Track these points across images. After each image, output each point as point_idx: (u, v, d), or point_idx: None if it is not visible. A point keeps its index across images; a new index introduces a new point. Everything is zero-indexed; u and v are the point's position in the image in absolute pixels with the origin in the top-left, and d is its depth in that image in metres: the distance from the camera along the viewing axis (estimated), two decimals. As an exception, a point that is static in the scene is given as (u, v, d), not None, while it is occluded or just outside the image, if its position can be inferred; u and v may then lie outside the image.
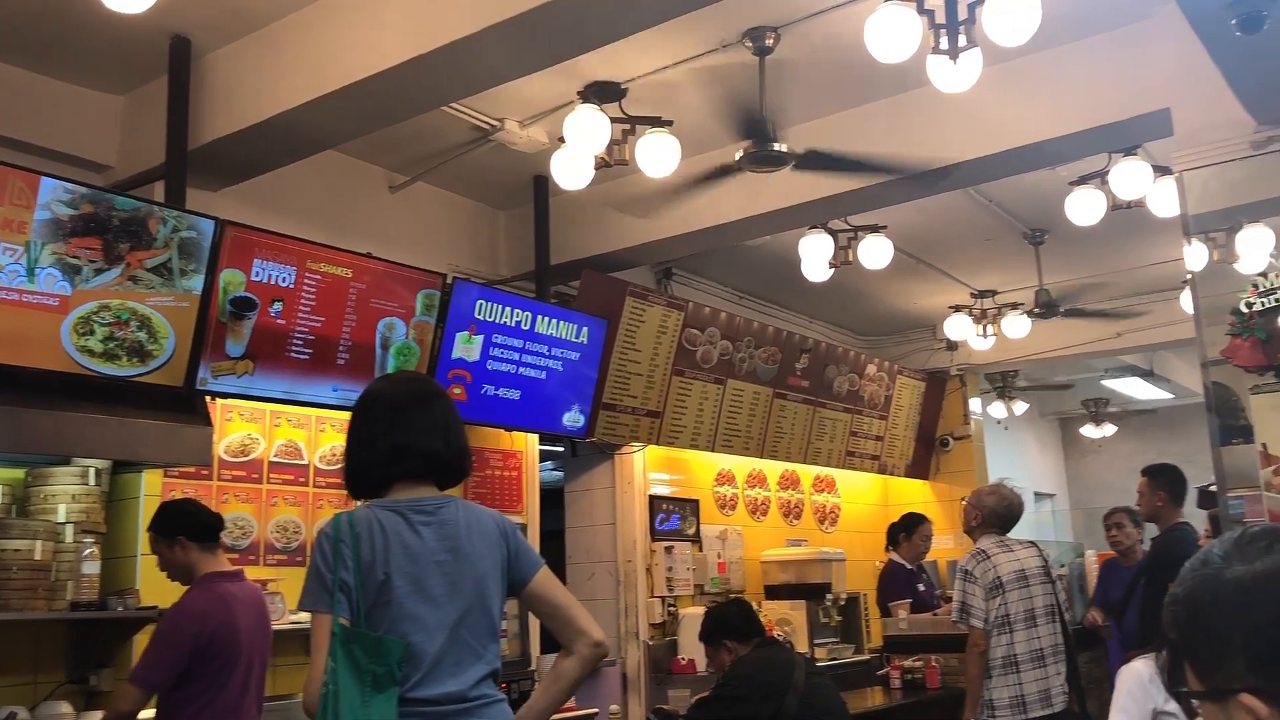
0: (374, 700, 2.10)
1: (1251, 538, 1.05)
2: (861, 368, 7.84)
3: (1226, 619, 1.02)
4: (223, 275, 4.00)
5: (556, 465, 7.25)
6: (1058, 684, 4.48)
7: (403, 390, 2.47)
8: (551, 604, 2.40)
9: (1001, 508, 4.75)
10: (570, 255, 5.72)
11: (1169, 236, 4.58)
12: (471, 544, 2.29)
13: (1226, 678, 1.01)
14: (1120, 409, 11.20)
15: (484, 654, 2.25)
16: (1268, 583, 1.00)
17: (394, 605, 2.18)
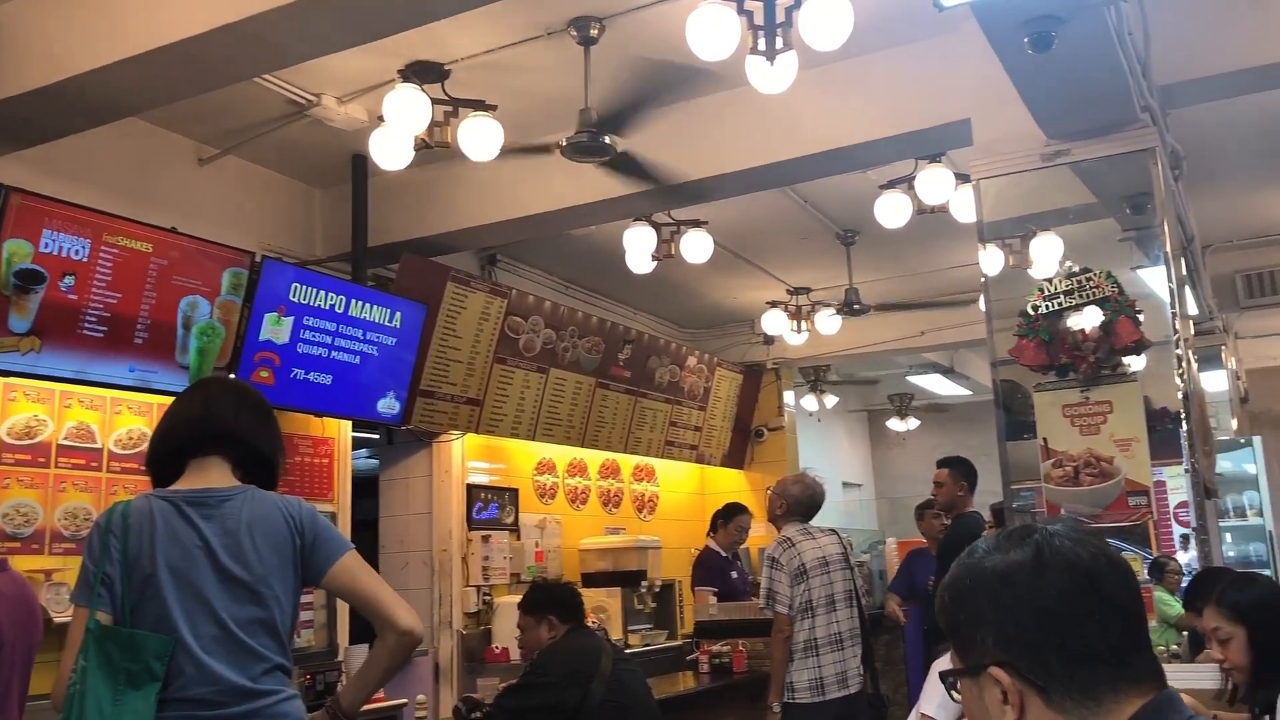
0: (127, 698, 2.02)
1: (1010, 533, 1.18)
2: (682, 359, 7.98)
3: (982, 602, 1.14)
4: (6, 245, 3.74)
5: (371, 453, 7.09)
6: (854, 666, 4.68)
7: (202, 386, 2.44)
8: (357, 592, 2.35)
9: (805, 496, 4.92)
10: (389, 237, 5.60)
11: (970, 241, 4.84)
12: (253, 540, 2.22)
13: (980, 654, 1.13)
14: (923, 404, 11.77)
15: (264, 650, 2.18)
16: (1017, 570, 1.13)
17: (160, 600, 2.10)
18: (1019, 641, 1.10)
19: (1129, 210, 4.43)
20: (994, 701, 1.13)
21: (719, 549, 6.66)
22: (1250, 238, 7.30)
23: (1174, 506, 5.84)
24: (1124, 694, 1.08)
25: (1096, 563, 1.12)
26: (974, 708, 1.17)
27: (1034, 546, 1.13)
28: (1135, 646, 1.11)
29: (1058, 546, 1.13)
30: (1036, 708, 1.10)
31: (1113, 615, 1.10)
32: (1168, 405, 4.04)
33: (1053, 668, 1.09)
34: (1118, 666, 1.09)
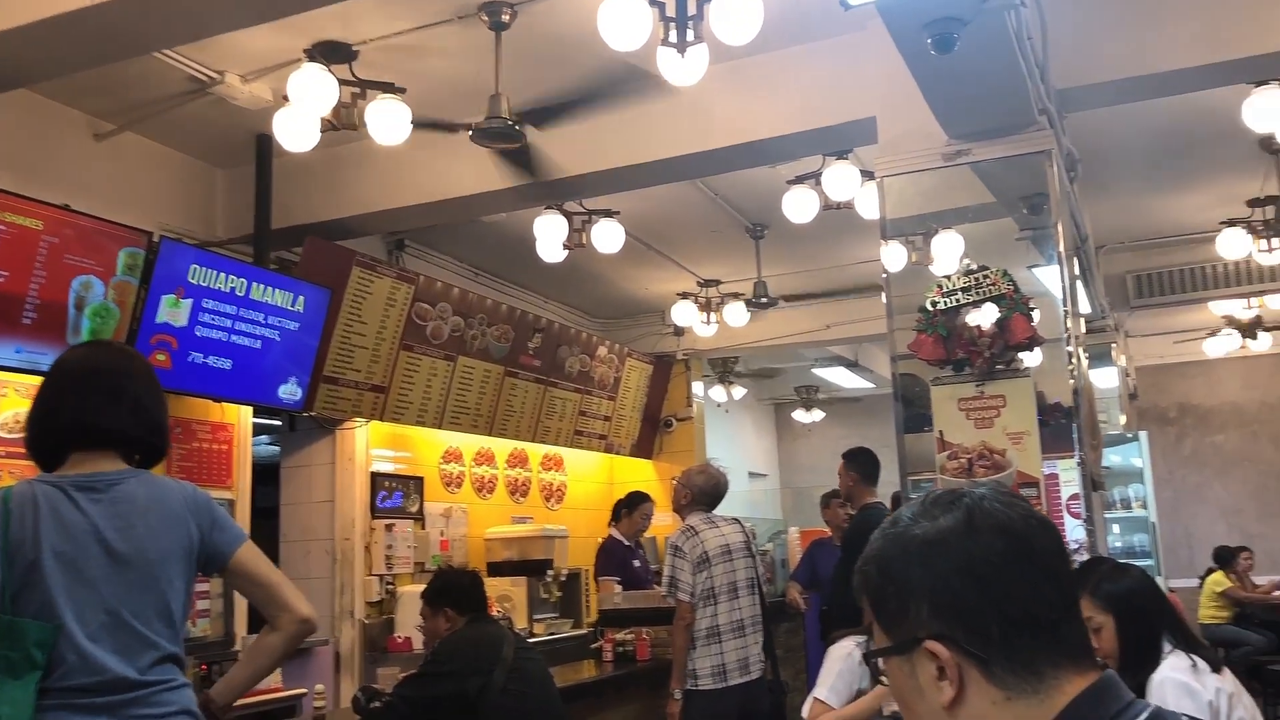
0: (6, 687, 1.96)
1: (935, 499, 1.11)
2: (593, 349, 7.98)
3: (913, 571, 1.07)
4: (-117, 218, 3.58)
5: (273, 440, 6.96)
6: (755, 652, 4.75)
7: (93, 359, 2.35)
8: (255, 580, 2.32)
9: (709, 486, 4.97)
10: (294, 220, 5.49)
11: (875, 237, 4.93)
12: (148, 523, 2.17)
13: (912, 627, 1.06)
14: (828, 396, 11.97)
15: (155, 639, 2.13)
16: (950, 535, 1.07)
17: (43, 587, 2.04)
18: (956, 609, 1.04)
19: (1026, 210, 4.56)
20: (928, 679, 1.06)
21: (622, 538, 6.68)
22: (1141, 239, 7.57)
23: (1066, 499, 6.05)
24: (1063, 671, 1.04)
25: (1028, 524, 1.07)
26: (905, 688, 1.09)
27: (964, 510, 1.08)
28: (1069, 614, 1.07)
29: (988, 509, 1.07)
30: (976, 682, 1.04)
31: (1047, 578, 1.06)
32: (1060, 400, 4.18)
33: (992, 635, 1.03)
34: (1054, 636, 1.04)
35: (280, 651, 2.36)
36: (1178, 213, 7.09)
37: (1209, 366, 11.10)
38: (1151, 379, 11.14)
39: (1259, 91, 4.63)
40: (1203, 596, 9.34)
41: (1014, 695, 1.03)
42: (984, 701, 1.03)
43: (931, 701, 1.06)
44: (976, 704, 1.04)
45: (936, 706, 1.05)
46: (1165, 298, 7.75)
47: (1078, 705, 1.02)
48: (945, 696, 1.04)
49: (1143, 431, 7.95)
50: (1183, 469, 11.33)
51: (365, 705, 3.63)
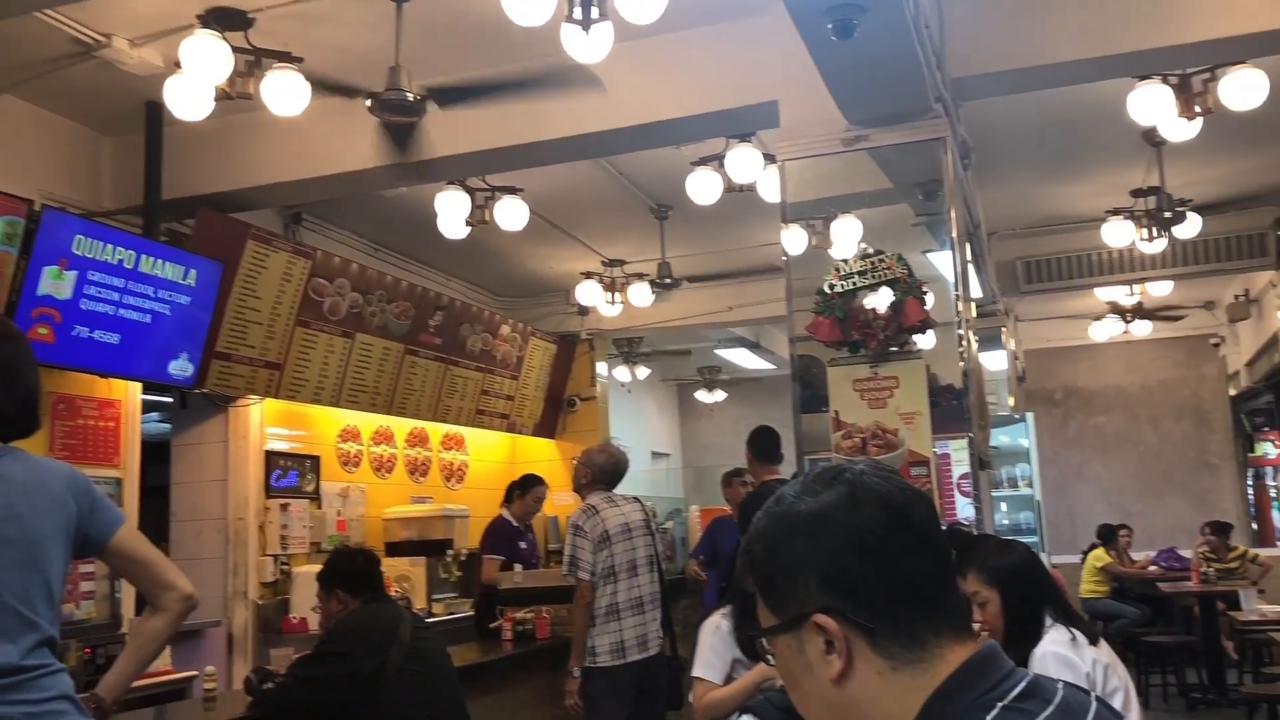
0: None
1: (816, 476, 1.14)
2: (495, 328, 7.93)
3: (799, 547, 1.09)
4: None
5: (164, 417, 6.77)
6: (654, 630, 4.80)
7: None
8: (135, 560, 2.28)
9: (610, 465, 4.99)
10: (186, 191, 5.32)
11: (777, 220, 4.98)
12: (29, 502, 2.10)
13: (801, 603, 1.08)
14: (730, 377, 12.11)
15: (37, 620, 2.08)
16: (834, 510, 1.09)
17: None
18: (843, 582, 1.06)
19: (921, 196, 4.67)
20: (816, 654, 1.07)
21: (511, 519, 6.58)
22: (1032, 227, 7.82)
23: (957, 478, 6.24)
24: (946, 641, 1.06)
25: (905, 496, 1.11)
26: (793, 665, 1.11)
27: (846, 485, 1.10)
28: (946, 583, 1.10)
29: (868, 483, 1.10)
30: (863, 653, 1.05)
31: (926, 548, 1.09)
32: (952, 382, 4.30)
33: (878, 606, 1.05)
34: (936, 605, 1.07)
35: (165, 633, 2.34)
36: (1066, 201, 7.33)
37: (1093, 351, 11.53)
38: (1039, 362, 11.53)
39: (1142, 85, 4.81)
40: (1084, 572, 9.72)
41: (899, 665, 1.05)
42: (870, 672, 1.05)
43: (820, 676, 1.07)
44: (864, 675, 1.05)
45: (825, 680, 1.07)
46: (1053, 284, 8.01)
47: (961, 674, 1.04)
48: (834, 669, 1.06)
49: (1030, 413, 8.23)
50: (1067, 449, 11.76)
51: (258, 686, 3.57)
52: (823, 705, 1.09)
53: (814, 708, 1.10)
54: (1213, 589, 8.12)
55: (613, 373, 9.80)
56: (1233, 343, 10.82)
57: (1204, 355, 11.55)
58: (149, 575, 2.28)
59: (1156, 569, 9.55)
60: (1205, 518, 9.75)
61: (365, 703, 3.50)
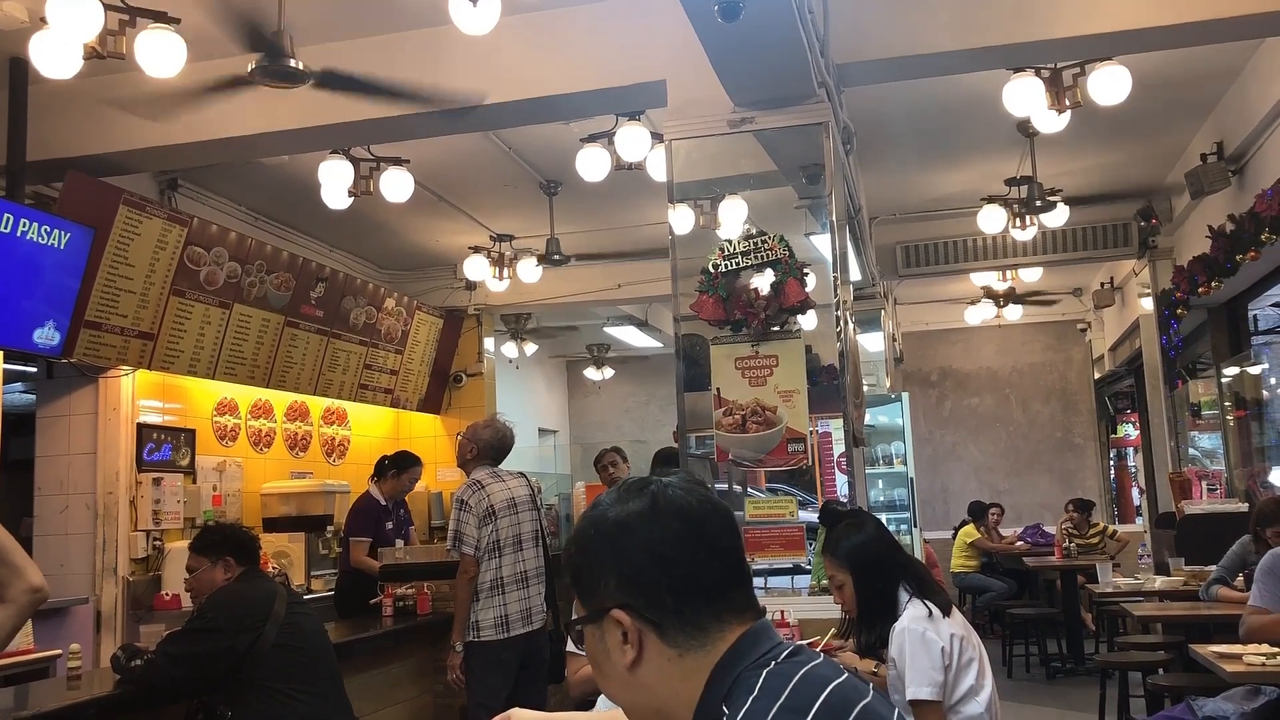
0: None
1: (628, 485, 1.28)
2: (380, 301, 7.81)
3: (604, 550, 1.24)
4: None
5: (28, 388, 6.50)
6: (538, 603, 4.82)
7: None
8: None
9: (495, 440, 4.99)
10: (54, 153, 5.10)
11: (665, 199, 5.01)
12: None
13: (603, 599, 1.22)
14: (619, 354, 12.17)
15: None
16: (636, 519, 1.23)
17: None
18: (637, 583, 1.21)
19: (804, 179, 4.77)
20: (615, 643, 1.22)
21: (380, 496, 6.37)
22: (911, 212, 8.04)
23: (837, 456, 6.41)
24: (727, 623, 1.21)
25: (703, 509, 1.25)
26: (596, 651, 1.25)
27: (650, 496, 1.24)
28: (736, 582, 1.24)
29: (670, 496, 1.24)
30: (653, 644, 1.20)
31: (715, 555, 1.23)
32: (832, 363, 4.41)
33: (666, 605, 1.20)
34: (721, 600, 1.22)
35: (13, 624, 2.30)
36: (944, 188, 7.56)
37: (968, 334, 11.94)
38: (916, 344, 11.89)
39: (1016, 77, 4.98)
40: (955, 547, 10.10)
41: (684, 651, 1.20)
42: (660, 659, 1.20)
43: (617, 662, 1.22)
44: (654, 661, 1.21)
45: (621, 667, 1.22)
46: (930, 268, 8.27)
47: (737, 645, 1.20)
48: (627, 658, 1.21)
49: (905, 393, 8.47)
50: (941, 429, 12.17)
51: (125, 664, 3.48)
52: (621, 686, 1.24)
53: (614, 688, 1.26)
54: (1074, 563, 8.51)
55: (500, 349, 9.76)
56: (1098, 328, 11.33)
57: (1071, 340, 12.07)
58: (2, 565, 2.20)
59: (1023, 545, 9.96)
60: (1070, 495, 10.22)
61: (239, 678, 3.45)
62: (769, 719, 1.10)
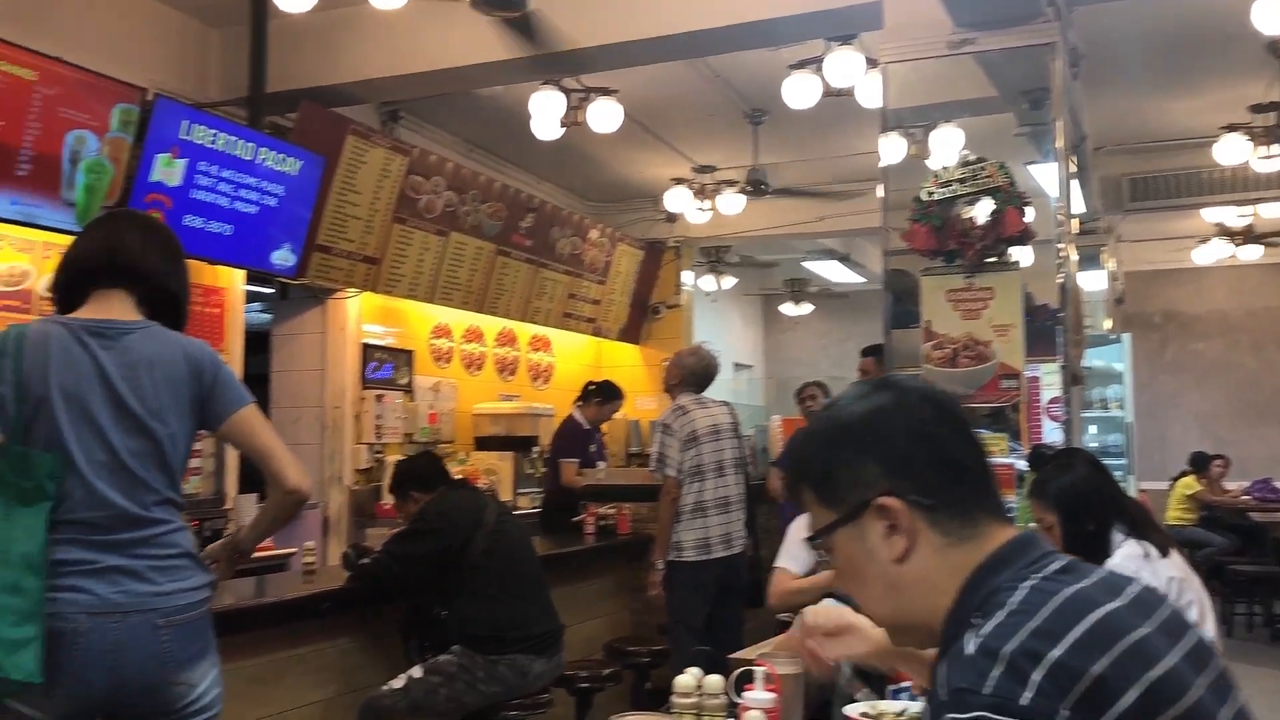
0: (17, 513, 2.04)
1: (864, 384, 1.26)
2: (584, 232, 7.97)
3: (861, 440, 1.18)
4: (-125, 61, 3.53)
5: (265, 307, 6.98)
6: (738, 529, 4.88)
7: (131, 211, 2.44)
8: (252, 446, 2.39)
9: (700, 368, 5.04)
10: (289, 84, 5.41)
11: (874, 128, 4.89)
12: (151, 375, 2.22)
13: (861, 492, 1.15)
14: (817, 290, 12.01)
15: (154, 483, 2.21)
16: (890, 406, 1.19)
17: (52, 422, 2.11)
18: (905, 465, 1.15)
19: (1026, 105, 4.55)
20: (878, 539, 1.15)
21: (583, 421, 6.65)
22: (1140, 142, 7.53)
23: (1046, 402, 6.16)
24: (991, 520, 1.15)
25: (946, 396, 1.22)
26: (855, 555, 1.18)
27: (896, 389, 1.21)
28: (989, 471, 1.19)
29: (912, 387, 1.21)
30: (923, 531, 1.13)
31: (968, 437, 1.19)
32: (1048, 302, 4.23)
33: (936, 486, 1.14)
34: (982, 488, 1.16)
35: (271, 514, 2.46)
36: (1178, 116, 7.04)
37: (1197, 274, 11.17)
38: (1139, 284, 11.21)
39: (1269, -8, 4.56)
40: (1171, 499, 9.57)
41: (953, 541, 1.13)
42: (929, 549, 1.14)
43: (882, 559, 1.15)
44: (923, 552, 1.14)
45: (887, 561, 1.15)
46: (1159, 202, 7.75)
47: (1006, 549, 1.13)
48: (898, 549, 1.14)
49: (1126, 335, 8.03)
50: (1163, 374, 11.48)
51: (354, 561, 3.75)
52: (885, 587, 1.17)
53: (876, 592, 1.18)
54: (1306, 521, 7.95)
55: (698, 282, 9.80)
56: (1346, 270, 10.38)
57: (1314, 282, 11.11)
58: (262, 463, 2.39)
59: (1249, 499, 9.35)
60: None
61: (452, 580, 3.65)
62: (1017, 640, 0.99)
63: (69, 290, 2.29)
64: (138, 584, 2.13)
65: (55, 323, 2.20)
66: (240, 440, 2.39)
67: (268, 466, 2.36)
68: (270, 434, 2.41)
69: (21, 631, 1.96)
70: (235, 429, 2.35)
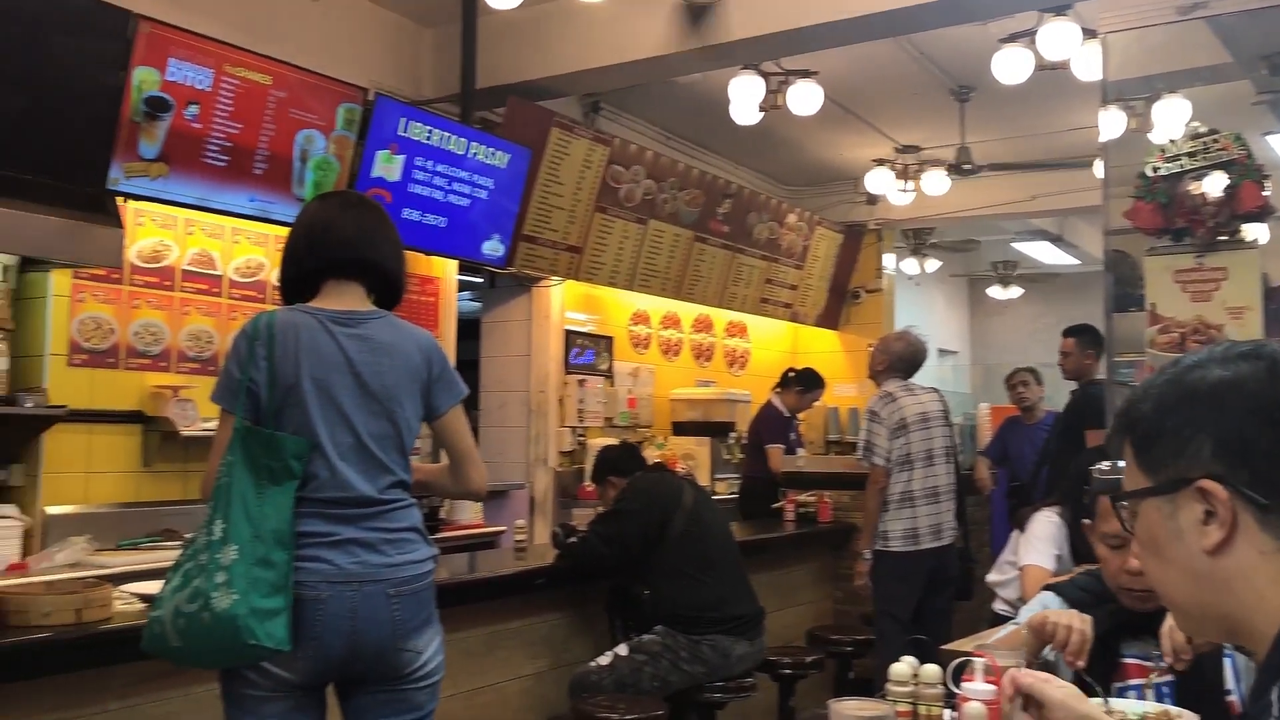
0: (269, 492, 2.18)
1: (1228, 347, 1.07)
2: (782, 216, 7.92)
3: (1200, 410, 1.03)
4: (136, 73, 3.86)
5: (474, 296, 7.27)
6: (949, 520, 4.74)
7: (333, 201, 2.56)
8: (454, 443, 2.53)
9: (908, 353, 4.91)
10: (497, 80, 5.60)
11: (1090, 102, 4.64)
12: (391, 360, 2.34)
13: (1185, 467, 1.02)
14: (1027, 272, 11.52)
15: (390, 465, 2.33)
16: (1249, 380, 1.02)
17: (302, 407, 2.24)
18: (1244, 452, 1.00)
19: (1266, 71, 4.22)
20: (1191, 522, 1.02)
21: (782, 408, 6.65)
22: (1395, 108, 6.86)
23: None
24: None
25: None
26: (1160, 531, 1.05)
27: (1268, 359, 1.02)
28: None
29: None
30: (1248, 529, 0.99)
31: None
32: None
33: (1276, 482, 0.98)
34: None
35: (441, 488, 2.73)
36: None
37: None
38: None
39: None
40: None
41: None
42: (1251, 550, 0.99)
43: (1191, 545, 1.02)
44: (1243, 551, 0.99)
45: (1196, 550, 1.02)
46: None
47: None
48: (1211, 540, 1.00)
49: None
50: None
51: (563, 540, 3.86)
52: (1187, 575, 1.04)
53: (1174, 577, 1.06)
54: None
55: (900, 265, 9.57)
56: None
57: None
58: (462, 462, 2.54)
59: None
60: None
61: (653, 561, 3.72)
62: None
63: (306, 281, 2.42)
64: (372, 555, 2.26)
65: (302, 312, 2.33)
66: (449, 436, 2.51)
67: (464, 466, 2.54)
68: (469, 432, 2.57)
69: (273, 602, 2.11)
70: (448, 423, 2.49)
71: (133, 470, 4.43)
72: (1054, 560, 3.45)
